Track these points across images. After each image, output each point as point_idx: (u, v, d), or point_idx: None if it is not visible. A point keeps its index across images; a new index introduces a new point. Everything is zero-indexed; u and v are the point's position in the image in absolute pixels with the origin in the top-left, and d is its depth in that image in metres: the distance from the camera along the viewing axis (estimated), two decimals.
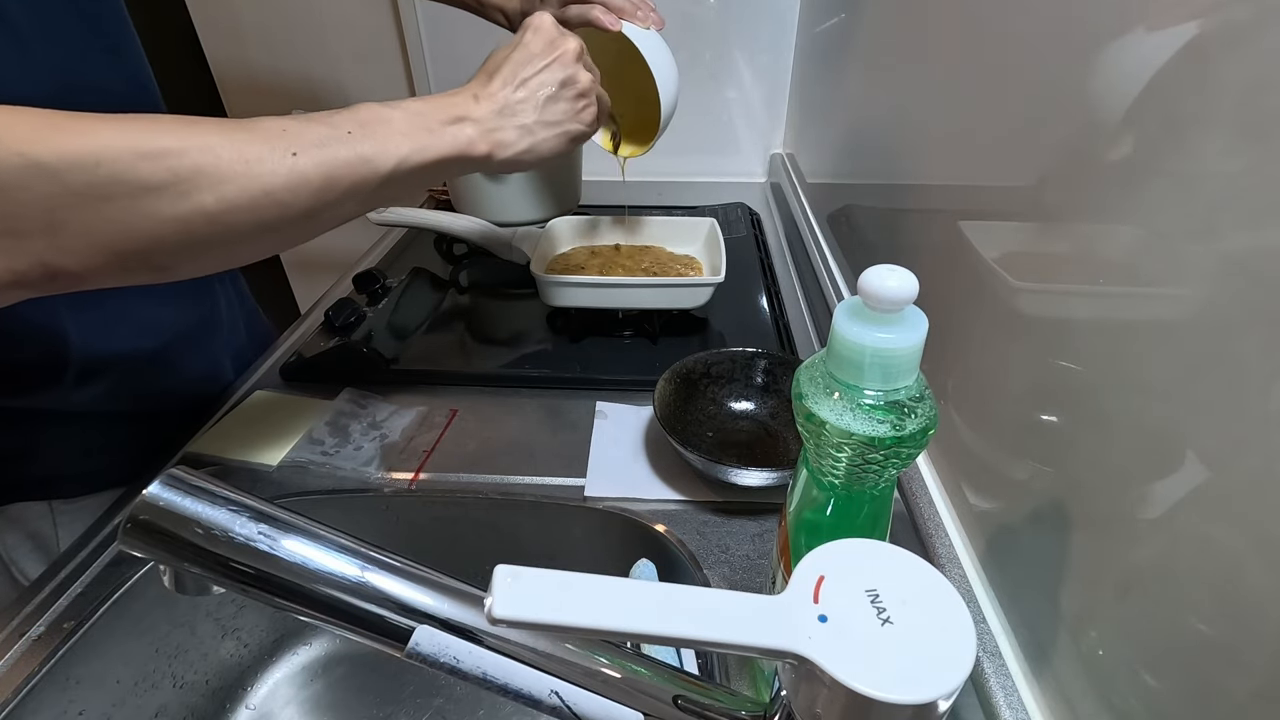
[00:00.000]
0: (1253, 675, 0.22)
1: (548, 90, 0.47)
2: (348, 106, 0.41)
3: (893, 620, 0.20)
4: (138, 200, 0.32)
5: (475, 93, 0.46)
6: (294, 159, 0.36)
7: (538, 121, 0.47)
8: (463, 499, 0.53)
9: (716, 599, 0.20)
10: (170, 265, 0.36)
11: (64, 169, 0.31)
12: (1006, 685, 0.34)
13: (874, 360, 0.25)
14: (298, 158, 0.37)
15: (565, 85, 0.48)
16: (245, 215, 0.35)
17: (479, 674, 0.24)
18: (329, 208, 0.39)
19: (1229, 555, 0.23)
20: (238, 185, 0.34)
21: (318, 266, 1.47)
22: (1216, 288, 0.24)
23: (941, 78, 0.51)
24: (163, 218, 0.33)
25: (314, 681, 0.53)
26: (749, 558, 0.47)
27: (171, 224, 0.33)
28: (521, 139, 0.47)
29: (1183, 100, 0.26)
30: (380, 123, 0.41)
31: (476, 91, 0.46)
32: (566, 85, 0.48)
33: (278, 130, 0.37)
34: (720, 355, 0.59)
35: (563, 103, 0.48)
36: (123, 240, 0.33)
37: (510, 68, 0.47)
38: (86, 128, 0.32)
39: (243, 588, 0.23)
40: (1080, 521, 0.32)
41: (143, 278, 0.36)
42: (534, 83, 0.47)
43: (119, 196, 0.32)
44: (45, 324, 0.50)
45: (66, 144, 0.31)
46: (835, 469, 0.28)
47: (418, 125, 0.42)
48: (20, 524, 0.57)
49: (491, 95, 0.46)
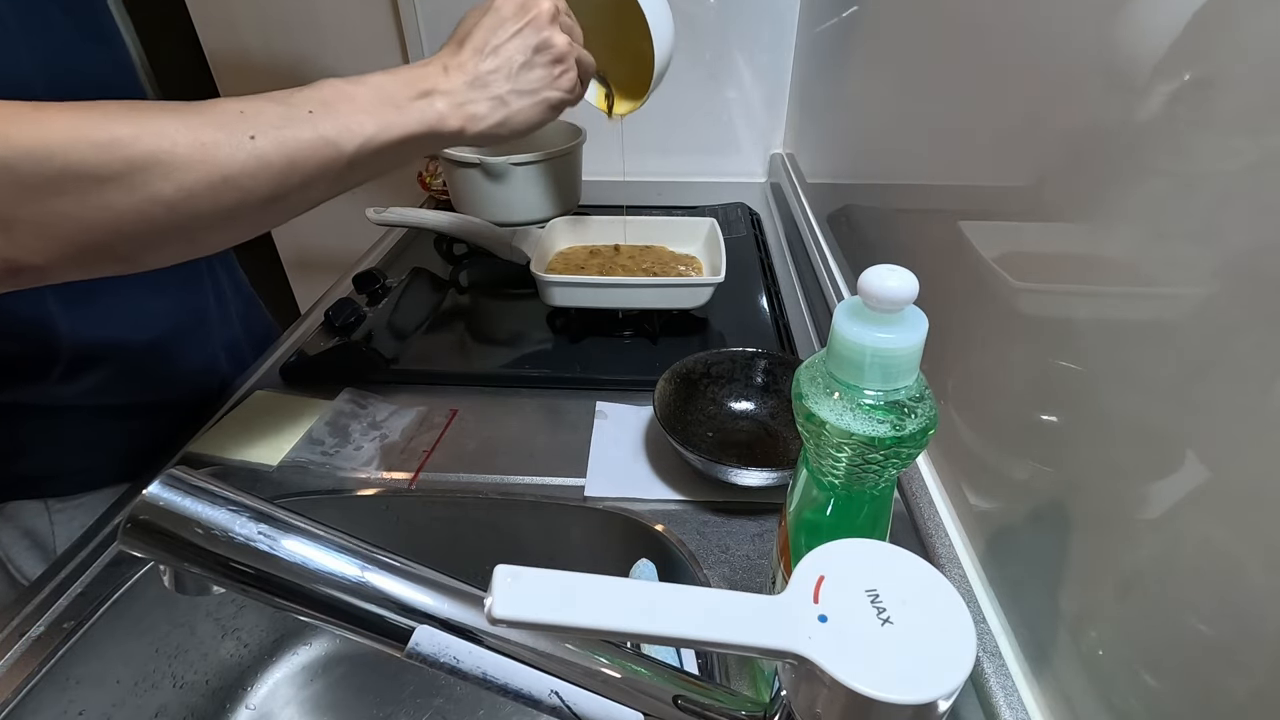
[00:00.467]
0: (1252, 675, 0.22)
1: (521, 57, 0.45)
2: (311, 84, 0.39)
3: (893, 620, 0.20)
4: (93, 191, 0.32)
5: (445, 63, 0.44)
6: (252, 142, 0.35)
7: (512, 91, 0.45)
8: (463, 499, 0.53)
9: (716, 599, 0.20)
10: (133, 256, 0.35)
11: (16, 161, 0.30)
12: (1006, 685, 0.34)
13: (874, 360, 0.25)
14: (256, 141, 0.35)
15: (540, 50, 0.46)
16: (206, 202, 0.34)
17: (479, 674, 0.24)
18: (294, 191, 0.38)
19: (1229, 555, 0.23)
20: (195, 172, 0.33)
21: (318, 266, 1.47)
22: (1216, 288, 0.24)
23: (941, 77, 0.51)
24: (120, 208, 0.32)
25: (314, 681, 0.53)
26: (749, 558, 0.47)
27: (130, 214, 0.33)
28: (495, 111, 0.45)
29: (1183, 99, 0.26)
30: (343, 100, 0.39)
31: (446, 62, 0.44)
32: (541, 50, 0.46)
33: (235, 112, 0.35)
34: (720, 355, 0.59)
35: (538, 69, 0.46)
36: (81, 233, 0.32)
37: (481, 34, 0.45)
38: (39, 118, 0.31)
39: (243, 588, 0.23)
40: (1080, 521, 0.32)
41: (108, 269, 0.35)
42: (506, 50, 0.45)
43: (74, 189, 0.31)
44: (34, 316, 0.49)
45: (18, 136, 0.30)
46: (835, 469, 0.28)
47: (383, 101, 0.40)
48: (15, 522, 0.56)
49: (461, 66, 0.44)
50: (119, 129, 0.32)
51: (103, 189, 0.32)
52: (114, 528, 0.50)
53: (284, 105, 0.37)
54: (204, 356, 0.65)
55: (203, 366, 0.65)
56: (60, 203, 0.31)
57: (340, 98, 0.39)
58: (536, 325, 0.75)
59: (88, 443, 0.57)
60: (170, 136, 0.33)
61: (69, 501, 0.57)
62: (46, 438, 0.56)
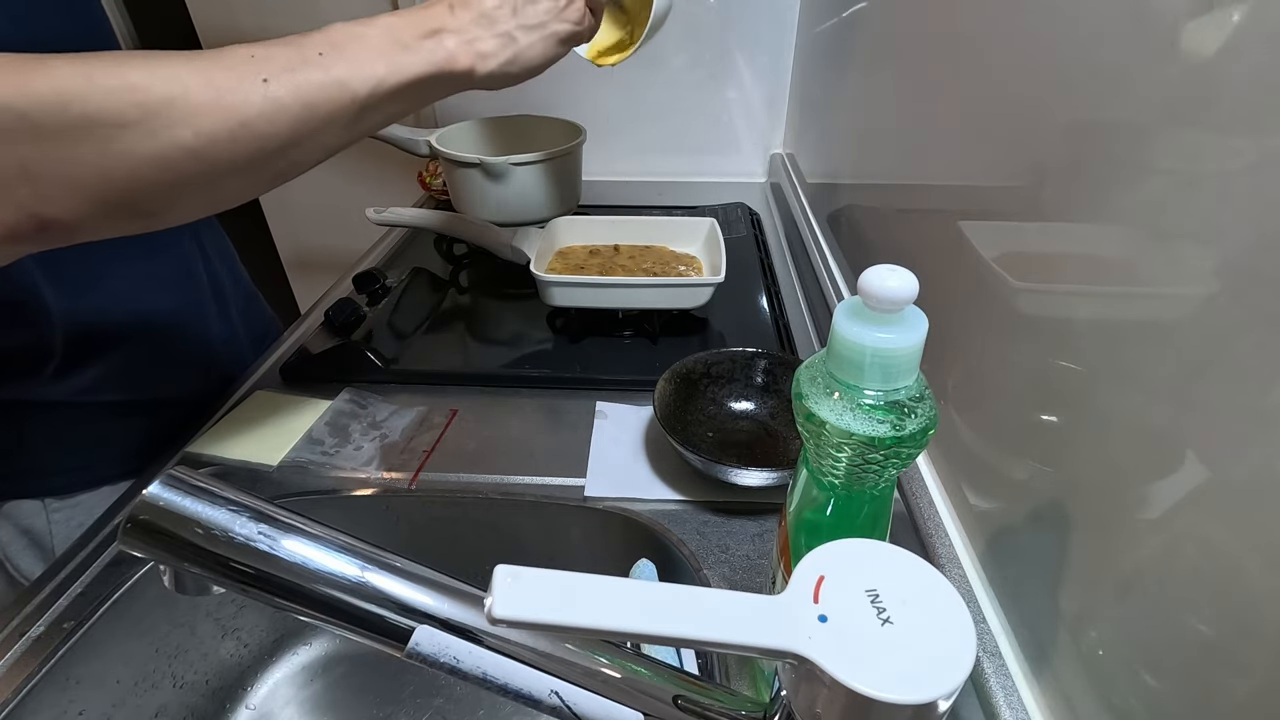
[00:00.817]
0: (1252, 675, 0.22)
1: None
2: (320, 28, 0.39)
3: (893, 620, 0.20)
4: (112, 139, 0.32)
5: (451, 2, 0.44)
6: (266, 85, 0.35)
7: (519, 26, 0.44)
8: (463, 499, 0.53)
9: (716, 599, 0.20)
10: (157, 210, 0.35)
11: (32, 111, 0.30)
12: (1006, 685, 0.34)
13: (874, 360, 0.25)
14: (269, 84, 0.35)
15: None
16: (224, 148, 0.34)
17: (479, 674, 0.24)
18: (310, 136, 0.38)
19: (1228, 555, 0.23)
20: (212, 117, 0.33)
21: (318, 266, 1.47)
22: (1216, 288, 0.24)
23: (941, 77, 0.51)
24: (140, 156, 0.32)
25: (314, 681, 0.53)
26: (749, 558, 0.47)
27: (150, 162, 0.33)
28: (505, 48, 0.44)
29: (1183, 99, 0.26)
30: (353, 41, 0.39)
31: (453, 1, 0.44)
32: None
33: (246, 57, 0.35)
34: (720, 355, 0.59)
35: (544, 2, 0.45)
36: (104, 183, 0.32)
37: None
38: (51, 68, 0.31)
39: (243, 588, 0.23)
40: (1080, 521, 0.32)
41: (134, 224, 0.35)
42: None
43: (92, 136, 0.31)
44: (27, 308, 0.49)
45: (32, 85, 0.30)
46: (835, 469, 0.28)
47: (392, 41, 0.40)
48: (13, 520, 0.56)
49: (467, 3, 0.43)
50: (132, 75, 0.32)
51: (122, 135, 0.32)
52: (114, 528, 0.50)
53: (295, 48, 0.37)
54: (205, 351, 0.65)
55: (201, 362, 0.65)
56: (81, 151, 0.31)
57: (350, 39, 0.39)
58: (536, 325, 0.75)
59: (86, 440, 0.57)
60: (183, 81, 0.33)
61: (67, 500, 0.57)
62: (45, 435, 0.56)
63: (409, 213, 0.85)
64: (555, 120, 0.98)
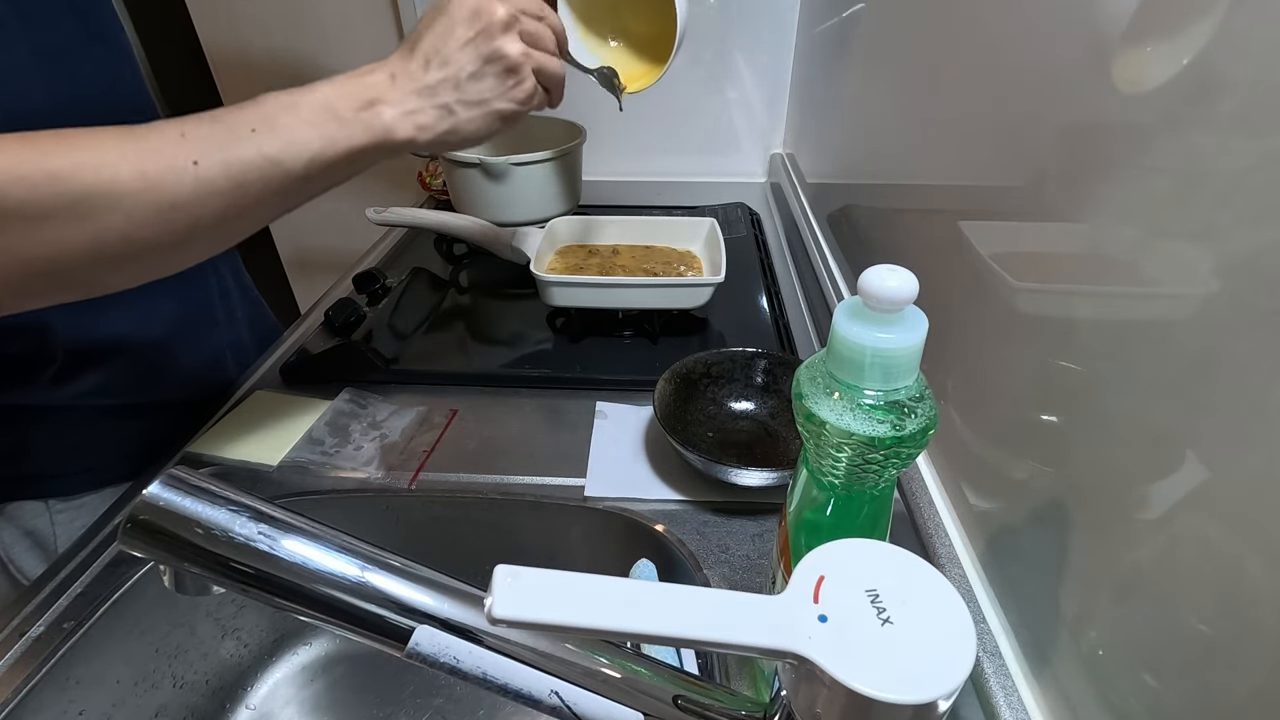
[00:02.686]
0: (1252, 675, 0.22)
1: (471, 66, 0.44)
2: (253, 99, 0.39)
3: (893, 620, 0.20)
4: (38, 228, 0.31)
5: (393, 71, 0.43)
6: (196, 168, 0.34)
7: (459, 101, 0.44)
8: (463, 499, 0.53)
9: (716, 599, 0.20)
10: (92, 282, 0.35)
11: None
12: (1006, 685, 0.34)
13: (874, 360, 0.25)
14: (199, 166, 0.34)
15: (490, 61, 0.44)
16: (157, 230, 0.34)
17: (479, 674, 0.24)
18: (245, 212, 0.37)
19: (1228, 555, 0.23)
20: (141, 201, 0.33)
21: (318, 267, 1.47)
22: (1216, 287, 0.24)
23: (941, 77, 0.51)
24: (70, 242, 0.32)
25: (314, 681, 0.53)
26: (749, 558, 0.47)
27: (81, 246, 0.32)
28: (442, 120, 0.44)
29: (1183, 99, 0.26)
30: (285, 113, 0.38)
31: (395, 70, 0.43)
32: (492, 61, 0.44)
33: (176, 136, 0.35)
34: (720, 355, 0.59)
35: (488, 79, 0.44)
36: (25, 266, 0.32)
37: (431, 40, 0.44)
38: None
39: (243, 588, 0.23)
40: (1080, 521, 0.32)
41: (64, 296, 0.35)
42: (456, 59, 0.43)
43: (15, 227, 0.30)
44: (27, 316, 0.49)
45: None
46: (835, 469, 0.28)
47: (328, 115, 0.40)
48: (17, 522, 0.56)
49: (410, 75, 0.43)
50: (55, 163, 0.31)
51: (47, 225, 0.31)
52: (114, 528, 0.50)
53: (225, 126, 0.37)
54: (209, 356, 0.65)
55: (207, 366, 0.65)
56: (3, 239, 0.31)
57: (282, 110, 0.38)
58: (536, 325, 0.75)
59: (90, 443, 0.57)
60: (112, 167, 0.32)
61: (70, 501, 0.57)
62: (48, 438, 0.56)
63: (409, 213, 0.85)
64: (555, 120, 0.98)
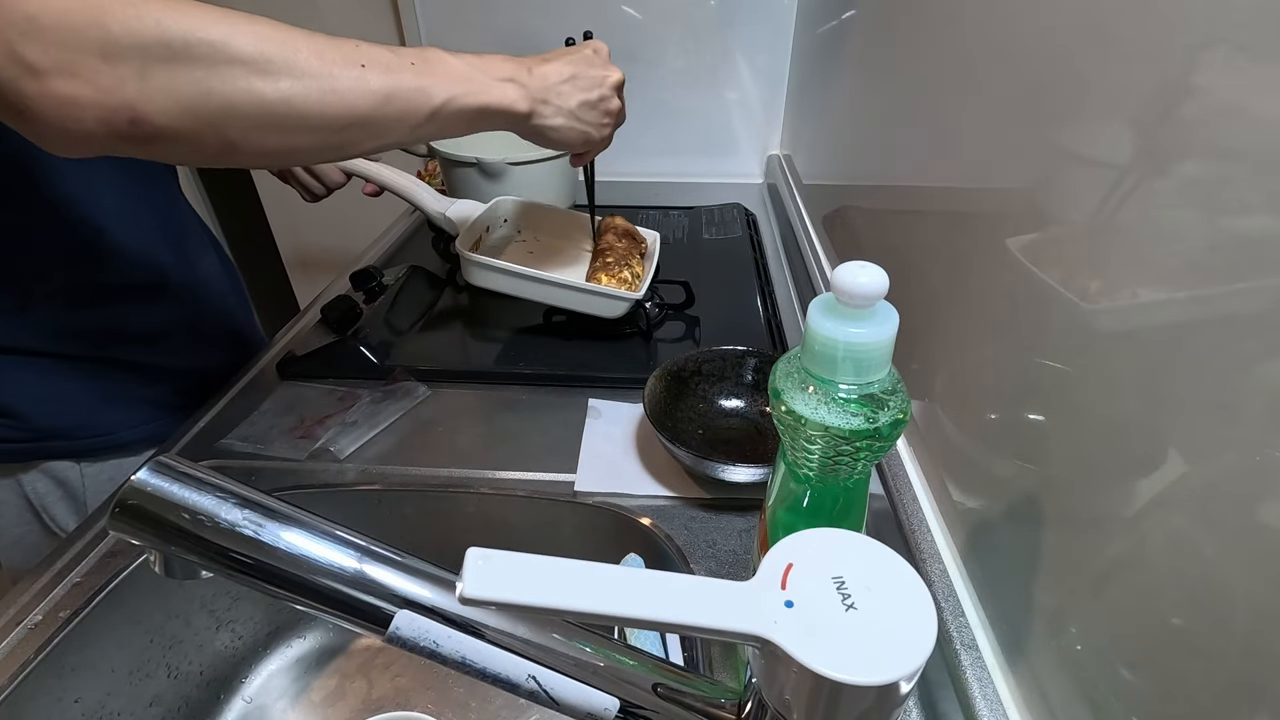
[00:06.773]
0: (1226, 668, 0.23)
1: (590, 97, 0.55)
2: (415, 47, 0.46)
3: (857, 605, 0.20)
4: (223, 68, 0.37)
5: (530, 67, 0.52)
6: (362, 70, 0.42)
7: (572, 112, 0.54)
8: (455, 493, 0.54)
9: (685, 583, 0.21)
10: (238, 142, 0.40)
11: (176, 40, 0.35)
12: (982, 677, 0.35)
13: (847, 354, 0.26)
14: (365, 70, 0.42)
15: (602, 100, 0.56)
16: (312, 104, 0.40)
17: (458, 658, 0.24)
18: (380, 123, 0.43)
19: (1203, 551, 0.24)
20: (312, 77, 0.40)
21: (317, 265, 1.48)
22: (1193, 287, 0.25)
23: (937, 80, 0.51)
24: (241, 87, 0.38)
25: (308, 674, 0.54)
26: (735, 552, 0.48)
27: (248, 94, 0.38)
28: (555, 116, 0.53)
29: (1182, 98, 0.26)
30: (440, 63, 0.46)
31: (531, 66, 0.52)
32: (603, 101, 0.56)
33: (351, 46, 0.42)
34: (711, 353, 0.60)
35: (595, 111, 0.56)
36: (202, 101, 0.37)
37: (565, 63, 0.54)
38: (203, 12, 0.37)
39: (228, 572, 0.24)
40: (1059, 518, 0.32)
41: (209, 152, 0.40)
42: (582, 82, 0.54)
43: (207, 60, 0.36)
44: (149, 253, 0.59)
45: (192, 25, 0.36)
46: (809, 461, 0.28)
47: (473, 72, 0.48)
48: (49, 473, 0.60)
49: (543, 75, 0.52)
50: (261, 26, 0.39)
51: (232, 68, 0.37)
52: None
53: (393, 52, 0.44)
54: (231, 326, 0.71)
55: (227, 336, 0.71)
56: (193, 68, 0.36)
57: (438, 60, 0.46)
58: (531, 322, 0.75)
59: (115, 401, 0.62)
60: (298, 45, 0.40)
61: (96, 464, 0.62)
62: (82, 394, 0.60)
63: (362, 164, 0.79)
64: None
